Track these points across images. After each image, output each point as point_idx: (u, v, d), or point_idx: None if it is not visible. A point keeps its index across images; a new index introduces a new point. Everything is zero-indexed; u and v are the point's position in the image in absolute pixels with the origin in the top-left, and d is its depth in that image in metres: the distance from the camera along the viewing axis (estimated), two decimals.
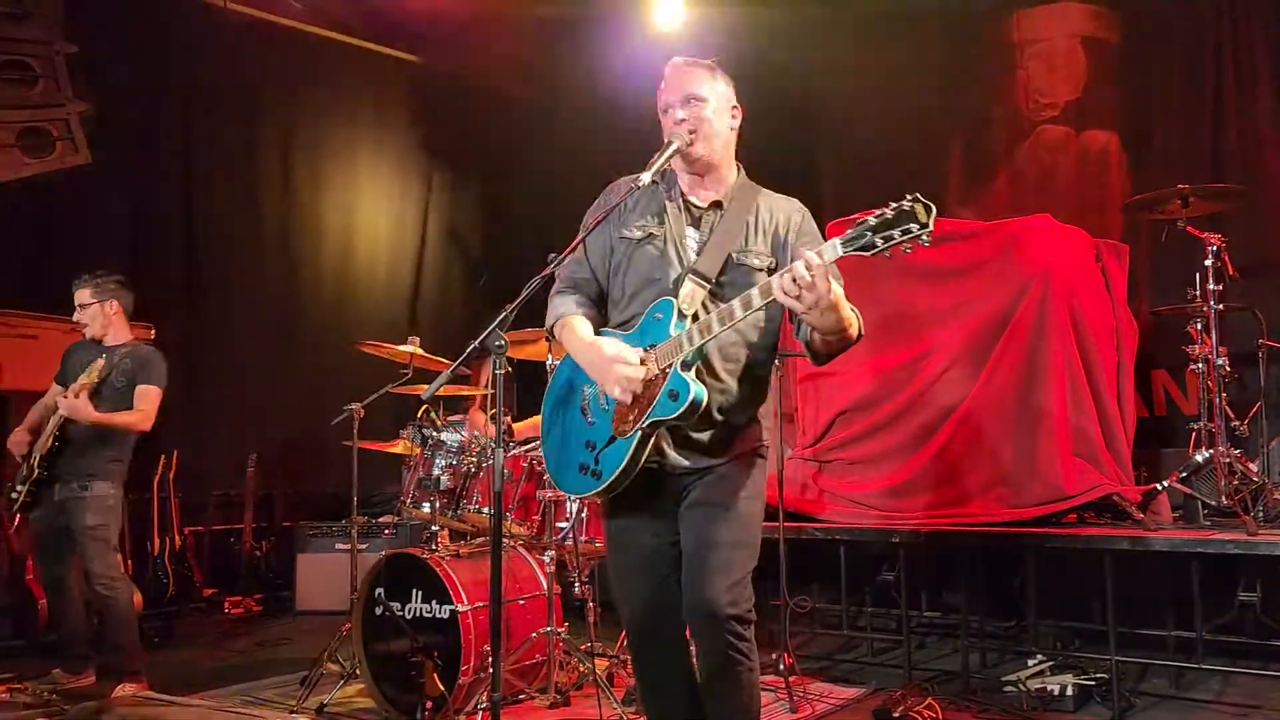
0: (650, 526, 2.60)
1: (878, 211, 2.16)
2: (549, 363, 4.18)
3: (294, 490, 7.50)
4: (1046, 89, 6.19)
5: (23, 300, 6.23)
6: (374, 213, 8.29)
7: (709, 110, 2.60)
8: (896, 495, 4.65)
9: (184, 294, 7.14)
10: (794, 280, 2.21)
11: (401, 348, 4.64)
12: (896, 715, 3.83)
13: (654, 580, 2.59)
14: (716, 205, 2.64)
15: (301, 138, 7.77)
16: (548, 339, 3.31)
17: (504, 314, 2.59)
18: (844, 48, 6.78)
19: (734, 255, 2.56)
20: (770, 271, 2.54)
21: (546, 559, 4.09)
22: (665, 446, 2.53)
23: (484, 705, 3.77)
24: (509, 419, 5.08)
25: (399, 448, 4.86)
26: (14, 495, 4.59)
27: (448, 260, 8.78)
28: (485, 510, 4.25)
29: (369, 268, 8.24)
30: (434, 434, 4.36)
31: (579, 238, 2.67)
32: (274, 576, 7.00)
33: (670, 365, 2.45)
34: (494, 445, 2.58)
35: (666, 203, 2.67)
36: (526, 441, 4.41)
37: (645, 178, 2.57)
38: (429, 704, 3.80)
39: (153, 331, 6.53)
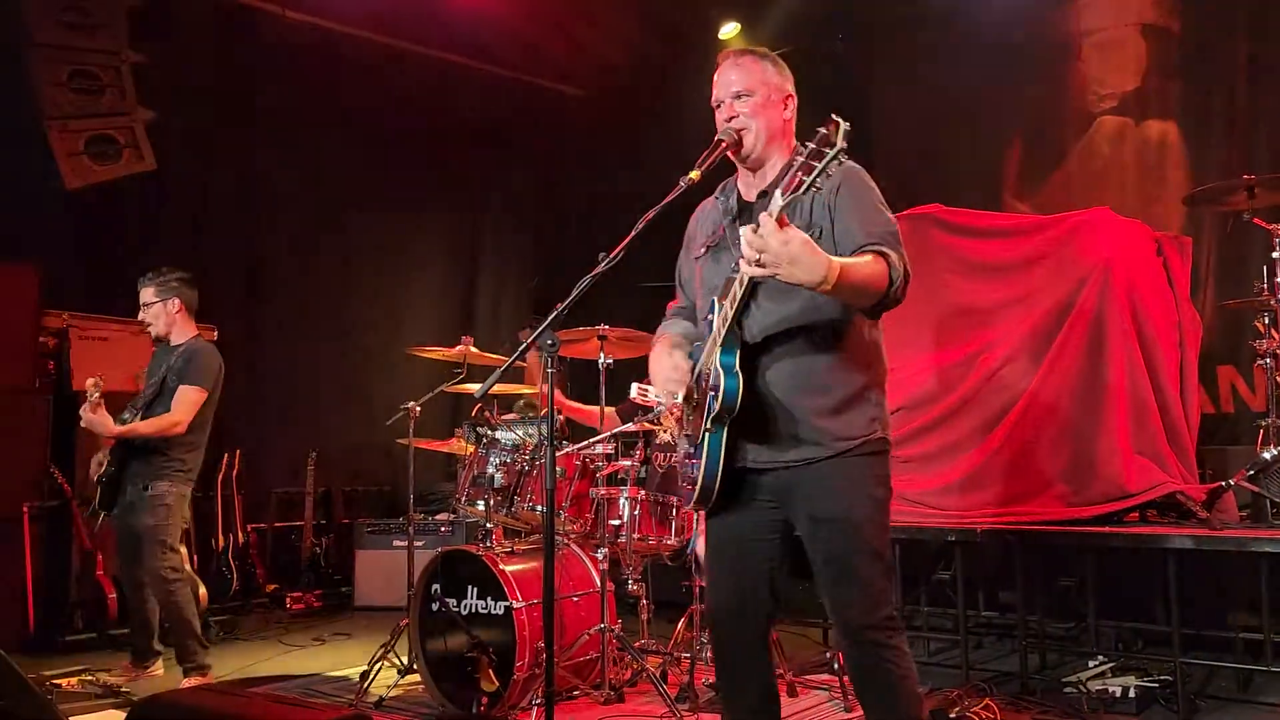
0: (741, 523, 2.57)
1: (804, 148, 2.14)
2: (601, 362, 4.22)
3: (352, 488, 7.63)
4: (1105, 79, 6.07)
5: (94, 303, 6.44)
6: (429, 215, 8.38)
7: (757, 104, 2.57)
8: (953, 493, 4.59)
9: (245, 296, 7.31)
10: (748, 246, 2.17)
11: (455, 349, 4.69)
12: (953, 715, 3.79)
13: (738, 577, 2.58)
14: (763, 195, 2.59)
15: (357, 142, 7.88)
16: None
17: (555, 313, 2.63)
18: (899, 39, 6.72)
19: None
20: (816, 241, 2.41)
21: (599, 556, 4.11)
22: (746, 444, 2.49)
23: (538, 701, 3.80)
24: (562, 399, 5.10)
25: (454, 446, 4.90)
26: (95, 501, 4.75)
27: (502, 260, 8.86)
28: (539, 508, 4.28)
29: (424, 269, 8.34)
30: (488, 432, 4.40)
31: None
32: (333, 573, 7.13)
33: (712, 363, 2.44)
34: (546, 442, 2.59)
35: (723, 210, 2.68)
36: (579, 439, 4.45)
37: (695, 173, 2.58)
38: (484, 699, 3.85)
39: (215, 332, 6.70)
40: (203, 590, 5.87)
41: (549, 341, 2.59)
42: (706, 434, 2.45)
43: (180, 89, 6.63)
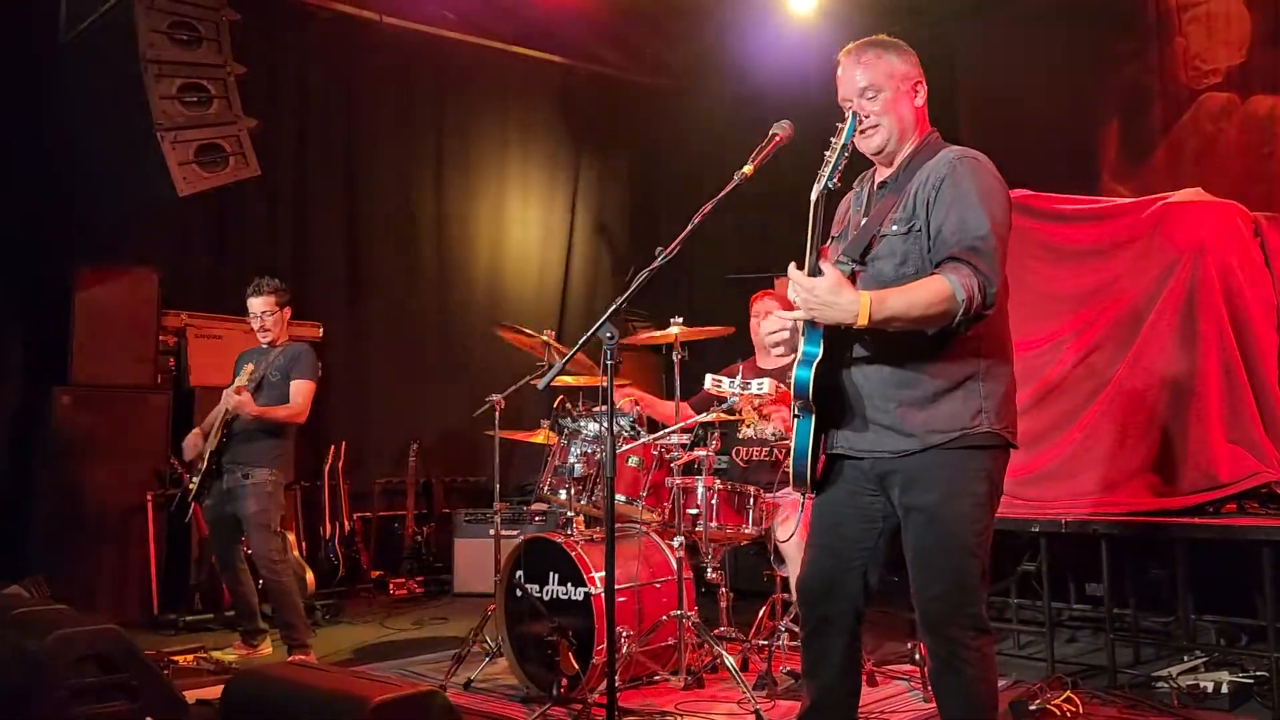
0: (842, 508, 2.59)
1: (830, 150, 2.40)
2: (675, 354, 4.29)
3: (452, 478, 7.87)
4: (1207, 54, 5.82)
5: (208, 303, 6.82)
6: (523, 211, 8.55)
7: (888, 100, 2.55)
8: (1038, 483, 4.51)
9: (347, 294, 7.61)
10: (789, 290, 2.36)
11: (536, 341, 4.81)
12: (1033, 708, 3.75)
13: (833, 560, 2.59)
14: (883, 186, 2.61)
15: (453, 142, 8.11)
16: None
17: (614, 306, 2.74)
18: (989, 23, 6.58)
19: (881, 230, 2.51)
20: (909, 233, 2.47)
21: (675, 544, 4.18)
22: (840, 432, 2.53)
23: (616, 685, 3.88)
24: None
25: (539, 437, 5.04)
26: (190, 485, 5.04)
27: (596, 254, 8.99)
28: (619, 498, 4.38)
29: (520, 264, 8.51)
30: (570, 423, 4.52)
31: None
32: (434, 560, 7.37)
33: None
34: (607, 434, 2.68)
35: (855, 201, 2.71)
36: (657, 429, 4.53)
37: (748, 167, 2.65)
38: (564, 682, 3.97)
39: (320, 330, 7.01)
40: (309, 575, 6.19)
41: (607, 334, 2.67)
42: (796, 420, 2.52)
43: (281, 97, 6.96)
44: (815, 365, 2.41)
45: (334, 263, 7.56)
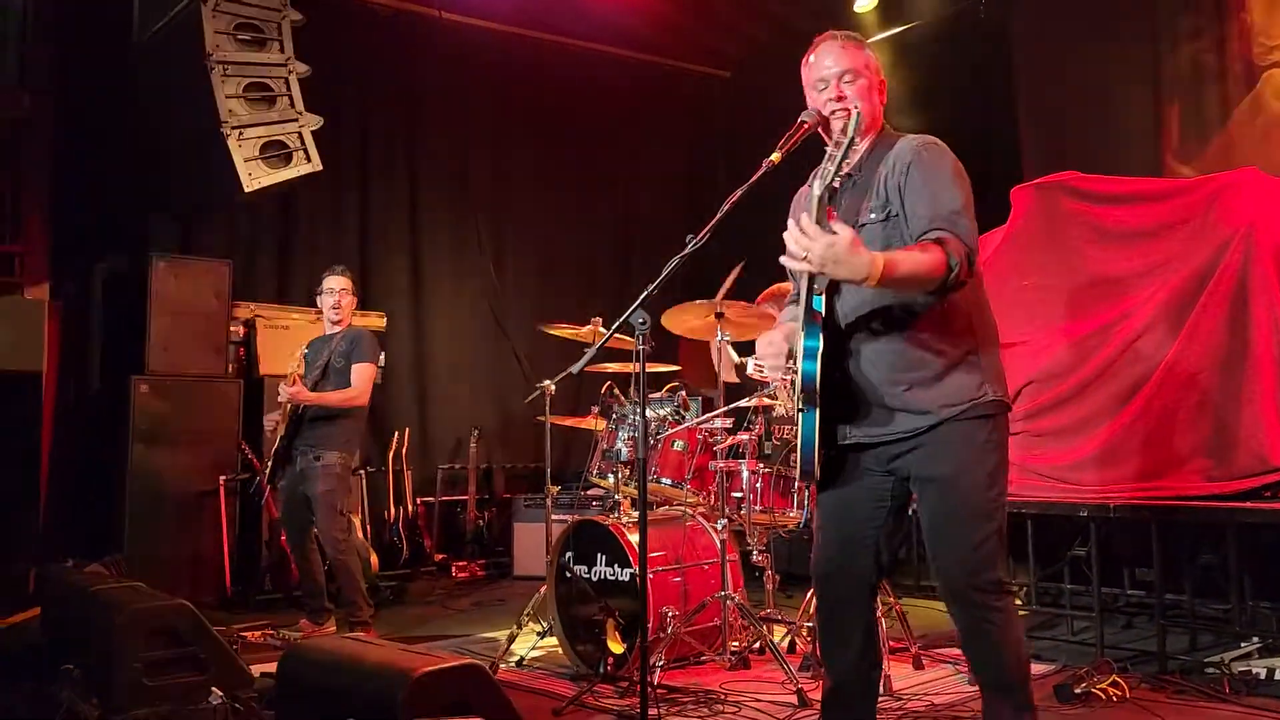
0: (851, 490, 2.64)
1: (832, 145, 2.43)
2: (718, 339, 4.34)
3: (512, 464, 8.03)
4: (1272, 31, 5.65)
5: (276, 294, 7.07)
6: (582, 202, 8.65)
7: (863, 87, 2.62)
8: (1087, 468, 4.47)
9: (410, 285, 7.79)
10: (794, 243, 2.30)
11: (584, 329, 4.90)
12: (1078, 691, 3.75)
13: (843, 539, 2.65)
14: (849, 177, 2.65)
15: (512, 135, 8.23)
16: None
17: (646, 293, 2.81)
18: (1044, 2, 6.47)
19: (858, 220, 2.56)
20: (887, 219, 2.54)
21: (719, 527, 4.25)
22: (846, 423, 2.57)
23: (660, 663, 3.98)
24: None
25: (590, 423, 5.14)
26: (264, 470, 5.25)
27: (651, 244, 9.04)
28: (665, 480, 4.46)
29: (578, 254, 8.61)
30: (618, 409, 4.61)
31: None
32: (495, 544, 7.54)
33: (798, 346, 2.51)
34: (640, 419, 2.76)
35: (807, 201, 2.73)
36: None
37: (776, 155, 2.67)
38: (610, 660, 4.07)
39: (384, 320, 7.21)
40: (374, 558, 6.39)
41: (640, 320, 2.75)
42: (800, 414, 2.53)
43: (344, 94, 7.15)
44: (820, 357, 2.45)
45: (397, 254, 7.75)
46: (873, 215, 2.56)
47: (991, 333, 2.63)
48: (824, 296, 2.49)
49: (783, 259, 2.36)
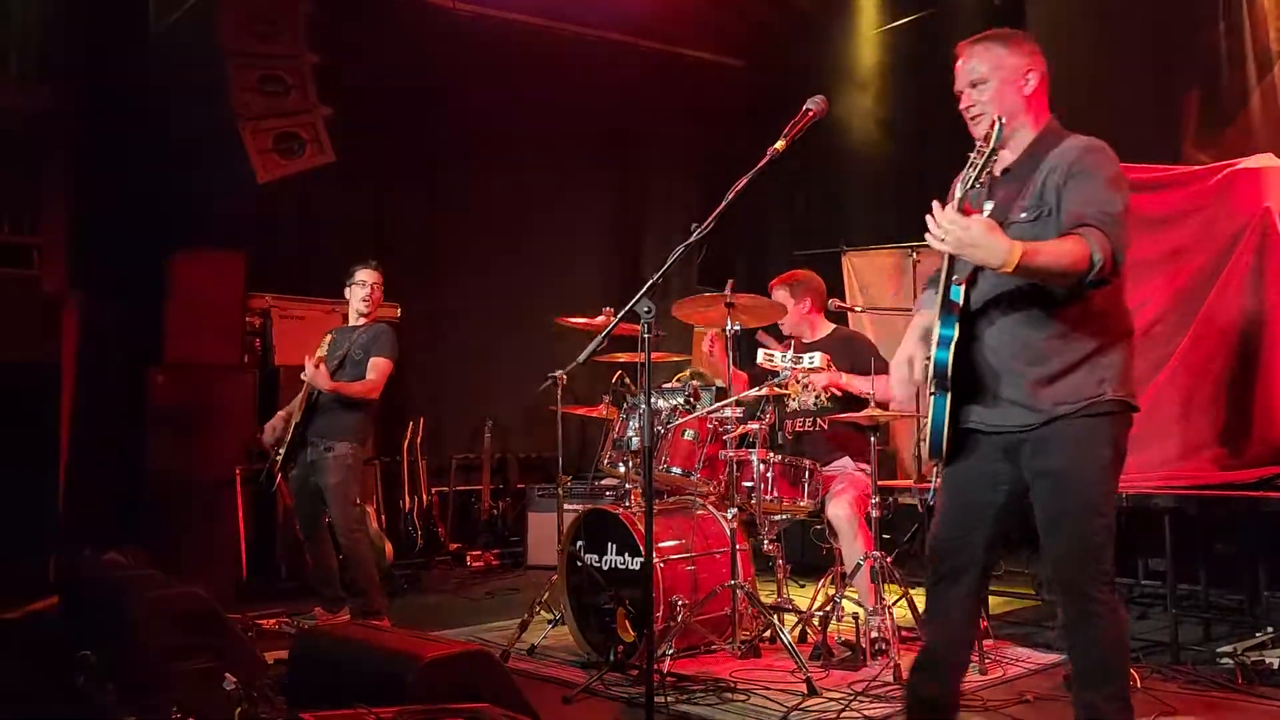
0: (972, 471, 2.72)
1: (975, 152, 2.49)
2: (728, 328, 4.34)
3: (526, 454, 8.05)
4: None
5: (292, 285, 7.09)
6: (598, 194, 8.65)
7: (994, 90, 2.68)
8: None
9: (424, 276, 7.79)
10: (935, 226, 2.39)
11: (597, 319, 4.90)
12: None
13: (958, 516, 2.75)
14: (1006, 172, 2.73)
15: (526, 125, 8.22)
16: None
17: (651, 281, 2.82)
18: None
19: (1009, 218, 2.62)
20: (1037, 220, 2.59)
21: (729, 516, 4.25)
22: (970, 408, 2.65)
23: (670, 651, 3.99)
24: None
25: (601, 412, 5.15)
26: (275, 458, 5.27)
27: (666, 233, 9.04)
28: (675, 470, 4.47)
29: (593, 243, 8.61)
30: (629, 398, 4.61)
31: None
32: (509, 533, 7.57)
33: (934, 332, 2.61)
34: (646, 409, 2.76)
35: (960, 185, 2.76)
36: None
37: (780, 143, 2.72)
38: (620, 648, 4.08)
39: (398, 310, 7.23)
40: (388, 547, 6.43)
41: (645, 309, 2.76)
42: (931, 396, 2.65)
43: (355, 85, 7.17)
44: (952, 346, 2.55)
45: (411, 245, 7.74)
46: (1024, 215, 2.62)
47: (1124, 332, 2.66)
48: (962, 287, 2.59)
49: (926, 238, 2.44)
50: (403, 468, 7.26)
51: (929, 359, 2.60)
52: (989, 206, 2.61)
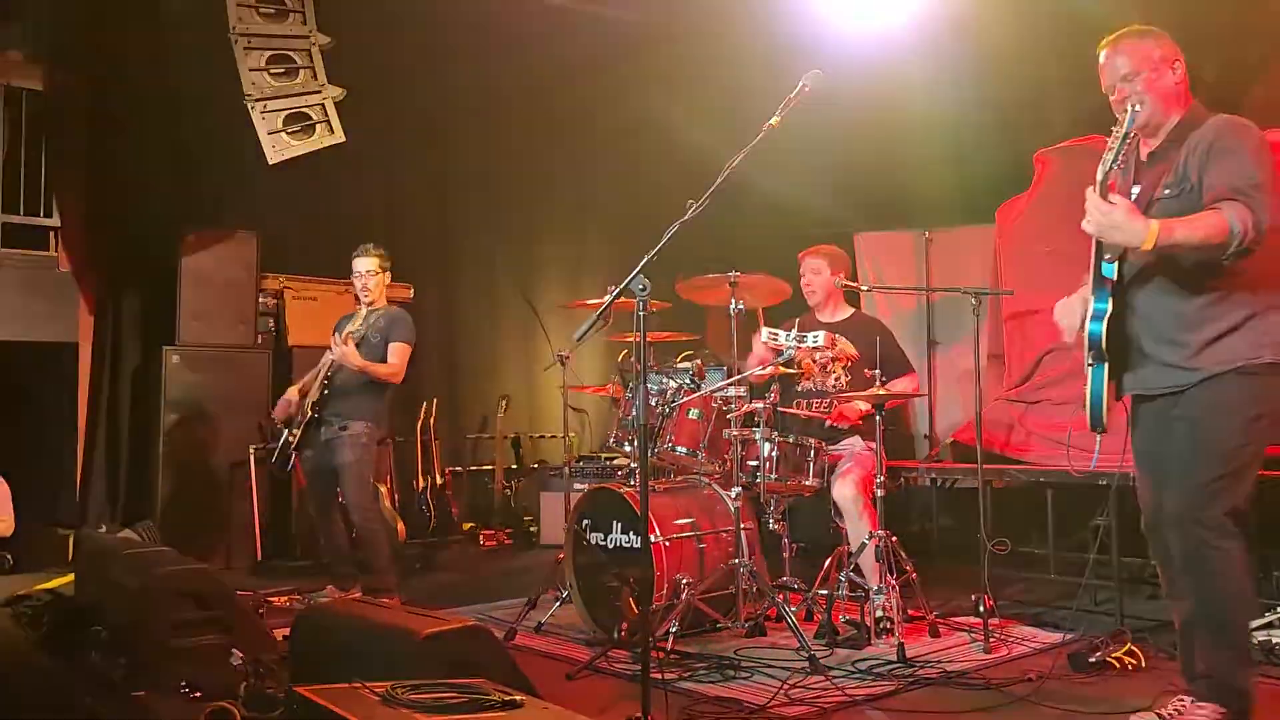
0: (1151, 438, 2.92)
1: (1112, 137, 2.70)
2: (732, 307, 4.33)
3: (539, 433, 8.08)
4: None
5: (304, 265, 7.12)
6: (603, 172, 8.60)
7: (1149, 80, 2.84)
8: (1112, 435, 4.40)
9: (437, 256, 7.84)
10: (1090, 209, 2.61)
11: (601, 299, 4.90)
12: (1093, 660, 3.72)
13: (1147, 484, 2.97)
14: (1152, 156, 2.90)
15: (537, 107, 8.20)
16: None
17: (646, 259, 2.82)
18: None
19: (1155, 195, 2.80)
20: (1180, 195, 2.75)
21: (733, 495, 4.25)
22: (1127, 376, 2.86)
23: (674, 629, 4.00)
24: None
25: (610, 391, 5.16)
26: (289, 437, 5.30)
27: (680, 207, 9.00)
28: (680, 449, 4.47)
29: (601, 222, 8.60)
30: (635, 377, 4.61)
31: None
32: (522, 513, 7.61)
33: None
34: (640, 382, 2.77)
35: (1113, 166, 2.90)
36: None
37: (775, 119, 2.78)
38: (625, 626, 4.10)
39: (411, 292, 7.26)
40: (400, 526, 6.48)
41: (640, 286, 2.76)
42: (1089, 368, 2.84)
43: (363, 65, 7.15)
44: (1106, 319, 2.75)
45: (424, 226, 7.78)
46: (1167, 192, 2.78)
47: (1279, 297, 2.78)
48: (1115, 264, 2.77)
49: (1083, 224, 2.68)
50: (416, 447, 7.30)
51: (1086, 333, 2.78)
52: (1136, 190, 2.82)
